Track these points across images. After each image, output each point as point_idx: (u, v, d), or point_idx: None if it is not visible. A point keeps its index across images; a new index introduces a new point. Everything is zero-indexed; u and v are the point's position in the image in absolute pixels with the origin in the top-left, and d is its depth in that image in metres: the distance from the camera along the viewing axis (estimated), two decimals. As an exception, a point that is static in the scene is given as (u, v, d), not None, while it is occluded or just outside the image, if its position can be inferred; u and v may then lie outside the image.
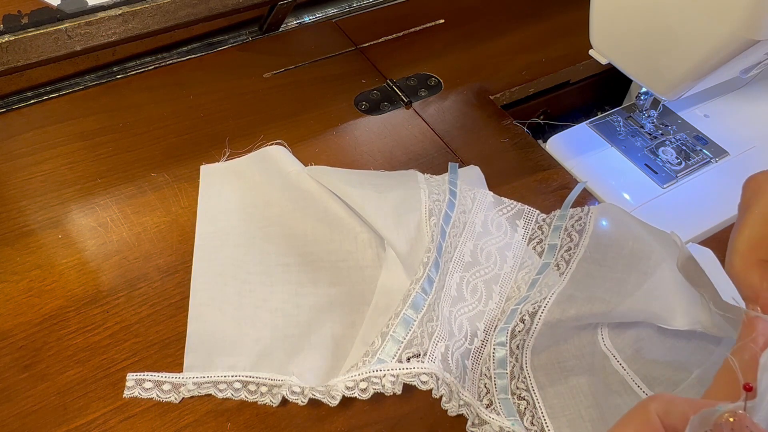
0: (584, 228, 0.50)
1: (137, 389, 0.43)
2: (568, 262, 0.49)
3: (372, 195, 0.51)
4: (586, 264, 0.48)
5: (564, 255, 0.50)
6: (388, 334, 0.43)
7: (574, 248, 0.50)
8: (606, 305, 0.43)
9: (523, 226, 0.53)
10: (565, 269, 0.48)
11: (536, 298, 0.46)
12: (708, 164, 0.61)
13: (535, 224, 0.53)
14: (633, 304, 0.43)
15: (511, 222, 0.53)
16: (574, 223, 0.51)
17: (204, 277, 0.49)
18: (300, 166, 0.55)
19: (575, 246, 0.50)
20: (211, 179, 0.56)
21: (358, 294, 0.49)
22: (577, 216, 0.52)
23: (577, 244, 0.50)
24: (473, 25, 0.76)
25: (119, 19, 0.60)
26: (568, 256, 0.49)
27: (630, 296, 0.43)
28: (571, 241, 0.50)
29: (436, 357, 0.42)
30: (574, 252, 0.49)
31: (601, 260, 0.47)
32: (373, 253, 0.50)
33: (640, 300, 0.43)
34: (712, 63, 0.47)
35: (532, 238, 0.53)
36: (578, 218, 0.51)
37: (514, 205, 0.54)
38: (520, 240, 0.52)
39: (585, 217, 0.51)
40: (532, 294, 0.47)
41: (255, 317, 0.47)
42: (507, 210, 0.54)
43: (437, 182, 0.53)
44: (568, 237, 0.51)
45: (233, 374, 0.44)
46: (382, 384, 0.41)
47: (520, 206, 0.54)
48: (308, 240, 0.52)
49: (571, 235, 0.51)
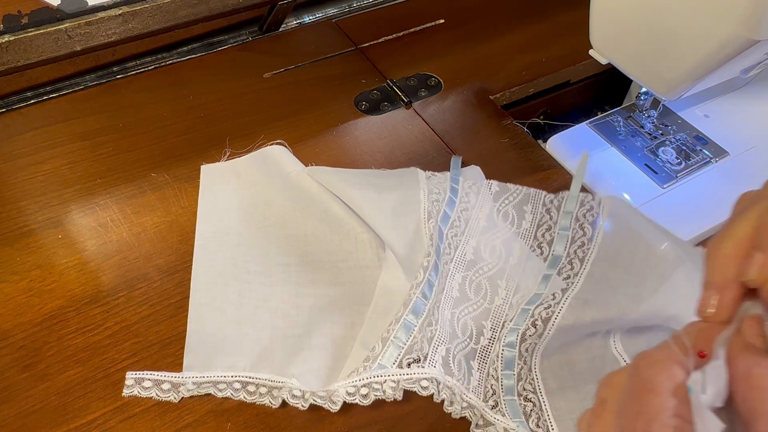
0: (597, 220, 0.50)
1: (136, 388, 0.43)
2: (582, 260, 0.48)
3: (371, 196, 0.51)
4: (600, 263, 0.47)
5: (578, 252, 0.49)
6: (389, 339, 0.43)
7: (587, 243, 0.49)
8: (621, 311, 0.43)
9: (530, 211, 0.53)
10: (579, 269, 0.48)
11: (549, 301, 0.45)
12: (708, 164, 0.61)
13: (543, 207, 0.52)
14: (649, 308, 0.42)
15: (518, 209, 0.53)
16: (585, 212, 0.50)
17: (204, 277, 0.49)
18: (300, 166, 0.55)
19: (588, 241, 0.49)
20: (211, 179, 0.56)
21: (358, 294, 0.49)
22: (588, 205, 0.51)
23: (590, 238, 0.49)
24: (473, 25, 0.76)
25: (119, 19, 0.60)
26: (582, 253, 0.49)
27: (646, 300, 0.43)
28: (584, 235, 0.49)
29: (437, 361, 0.43)
30: (588, 248, 0.49)
31: (615, 260, 0.46)
32: (373, 254, 0.50)
33: (657, 304, 0.42)
34: (712, 63, 0.47)
35: (540, 224, 0.52)
36: (590, 207, 0.50)
37: (519, 190, 0.54)
38: (529, 227, 0.52)
39: (597, 208, 0.50)
40: (545, 294, 0.47)
41: (255, 317, 0.47)
42: (513, 197, 0.54)
43: (438, 180, 0.53)
44: (581, 229, 0.50)
45: (233, 374, 0.44)
46: (383, 390, 0.41)
47: (527, 190, 0.54)
48: (308, 240, 0.52)
49: (584, 228, 0.50)
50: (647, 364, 0.25)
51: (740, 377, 0.23)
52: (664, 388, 0.24)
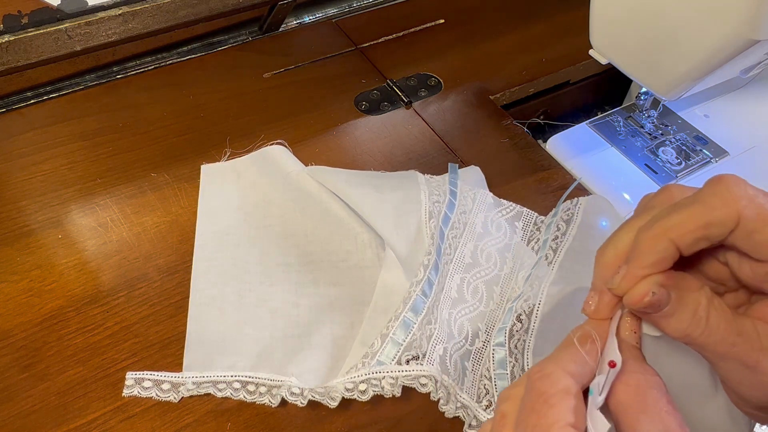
0: (572, 218, 0.51)
1: (136, 388, 0.43)
2: (555, 251, 0.50)
3: (372, 195, 0.51)
4: (573, 253, 0.48)
5: (551, 245, 0.50)
6: (388, 336, 0.43)
7: (560, 237, 0.50)
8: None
9: (522, 228, 0.53)
10: (552, 258, 0.49)
11: (528, 293, 0.46)
12: (708, 164, 0.61)
13: (533, 226, 0.53)
14: None
15: (510, 223, 0.53)
16: (562, 214, 0.52)
17: (204, 277, 0.49)
18: (300, 166, 0.55)
19: (562, 235, 0.50)
20: (211, 179, 0.56)
21: (358, 294, 0.49)
22: (566, 208, 0.52)
23: (564, 233, 0.50)
24: (473, 25, 0.76)
25: (119, 19, 0.60)
26: (555, 245, 0.50)
27: None
28: (558, 231, 0.51)
29: (435, 359, 0.43)
30: (561, 240, 0.50)
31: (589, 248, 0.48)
32: (373, 254, 0.50)
33: None
34: (712, 63, 0.47)
35: (530, 240, 0.53)
36: (567, 209, 0.52)
37: (512, 207, 0.54)
38: (519, 241, 0.53)
39: (573, 208, 0.52)
40: (524, 289, 0.48)
41: (255, 317, 0.47)
42: (506, 212, 0.54)
43: (437, 183, 0.53)
44: (556, 228, 0.51)
45: (232, 374, 0.44)
46: (382, 386, 0.41)
47: (519, 208, 0.54)
48: (308, 240, 0.52)
49: (559, 225, 0.51)
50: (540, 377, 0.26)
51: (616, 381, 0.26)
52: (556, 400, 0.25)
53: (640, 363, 0.27)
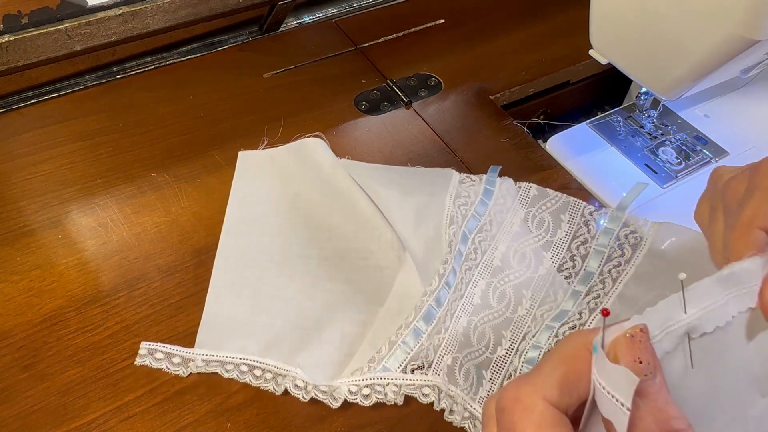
0: (640, 243, 0.47)
1: (148, 358, 0.44)
2: (615, 280, 0.46)
3: (396, 197, 0.51)
4: (633, 286, 0.45)
5: (612, 271, 0.47)
6: (397, 343, 0.43)
7: (624, 264, 0.47)
8: None
9: (567, 221, 0.51)
10: (610, 288, 0.46)
11: (575, 320, 0.44)
12: (708, 164, 0.61)
13: (581, 218, 0.50)
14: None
15: (554, 217, 0.51)
16: (628, 233, 0.48)
17: (226, 261, 0.50)
18: (335, 160, 0.56)
19: (626, 262, 0.47)
20: (246, 165, 0.57)
21: (374, 294, 0.49)
22: (633, 226, 0.48)
23: (628, 260, 0.47)
24: (473, 25, 0.76)
25: (119, 19, 0.60)
26: (616, 273, 0.46)
27: None
28: (622, 255, 0.47)
29: (441, 369, 0.43)
30: (623, 269, 0.46)
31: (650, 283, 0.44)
32: (394, 255, 0.50)
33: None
34: (712, 63, 0.47)
35: (576, 236, 0.50)
36: (633, 230, 0.48)
37: (558, 197, 0.52)
38: (564, 237, 0.50)
39: (642, 230, 0.48)
40: (571, 312, 0.45)
41: (270, 304, 0.48)
42: (551, 203, 0.52)
43: (472, 182, 0.53)
44: (619, 249, 0.47)
45: (241, 357, 0.44)
46: (385, 392, 0.42)
47: (566, 198, 0.52)
48: (332, 234, 0.52)
49: (623, 248, 0.47)
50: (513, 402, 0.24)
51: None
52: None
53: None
